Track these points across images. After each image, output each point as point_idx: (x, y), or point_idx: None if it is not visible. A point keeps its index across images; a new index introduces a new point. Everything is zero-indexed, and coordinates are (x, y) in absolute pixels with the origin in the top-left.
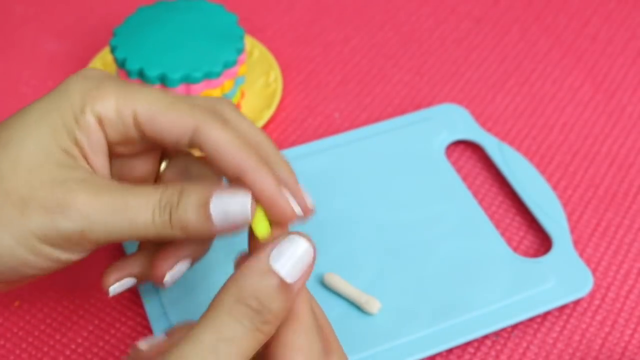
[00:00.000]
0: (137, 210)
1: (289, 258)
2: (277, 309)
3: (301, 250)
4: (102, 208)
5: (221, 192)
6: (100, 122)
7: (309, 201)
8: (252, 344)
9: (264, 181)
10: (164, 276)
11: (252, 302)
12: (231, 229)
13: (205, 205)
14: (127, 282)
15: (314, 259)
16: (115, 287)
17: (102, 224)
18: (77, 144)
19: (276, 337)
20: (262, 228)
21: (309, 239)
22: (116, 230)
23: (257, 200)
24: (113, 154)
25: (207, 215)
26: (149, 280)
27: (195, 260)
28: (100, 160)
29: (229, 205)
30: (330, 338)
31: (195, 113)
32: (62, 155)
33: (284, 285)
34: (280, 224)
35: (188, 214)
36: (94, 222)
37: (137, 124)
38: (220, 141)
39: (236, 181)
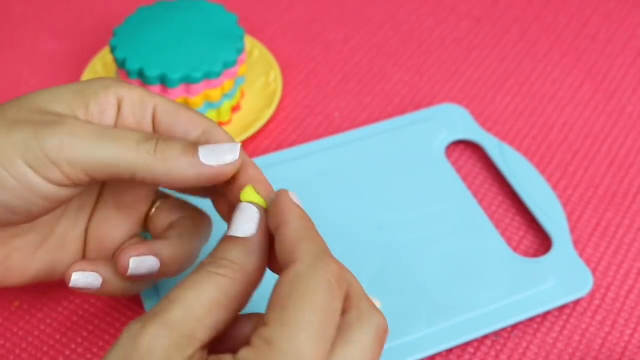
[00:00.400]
0: (123, 134)
1: (237, 217)
2: (232, 257)
3: (249, 213)
4: (88, 126)
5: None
6: (120, 103)
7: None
8: (211, 287)
9: (256, 170)
10: (128, 259)
11: (210, 257)
12: (217, 172)
13: (194, 146)
14: (91, 277)
15: (263, 217)
16: (78, 276)
17: (85, 138)
18: (86, 110)
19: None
20: (256, 199)
21: (257, 208)
22: (96, 151)
23: (249, 181)
24: None
25: (194, 152)
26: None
27: (169, 268)
28: None
29: (217, 147)
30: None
31: (205, 118)
32: (68, 109)
33: (230, 237)
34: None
35: (175, 146)
36: (77, 136)
37: (154, 116)
38: (225, 139)
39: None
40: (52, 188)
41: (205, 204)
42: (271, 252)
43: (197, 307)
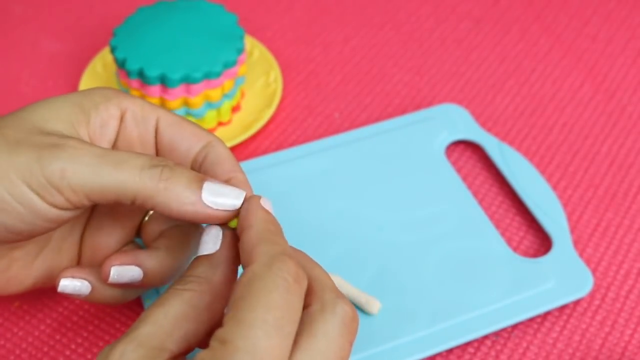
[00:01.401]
0: (126, 157)
1: (203, 238)
2: (197, 273)
3: (213, 233)
4: (90, 150)
5: (218, 182)
6: (122, 115)
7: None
8: (177, 302)
9: (247, 188)
10: (109, 268)
11: (178, 278)
12: (215, 214)
13: (200, 180)
14: (79, 284)
15: (228, 234)
16: (67, 282)
17: (87, 164)
18: (86, 124)
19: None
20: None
21: (221, 228)
22: (98, 178)
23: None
24: None
25: (199, 187)
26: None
27: (154, 279)
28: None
29: (222, 189)
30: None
31: (207, 132)
32: (69, 126)
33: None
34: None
35: (181, 177)
36: (78, 162)
37: (157, 128)
38: (225, 154)
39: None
40: (55, 211)
41: None
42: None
43: (164, 321)
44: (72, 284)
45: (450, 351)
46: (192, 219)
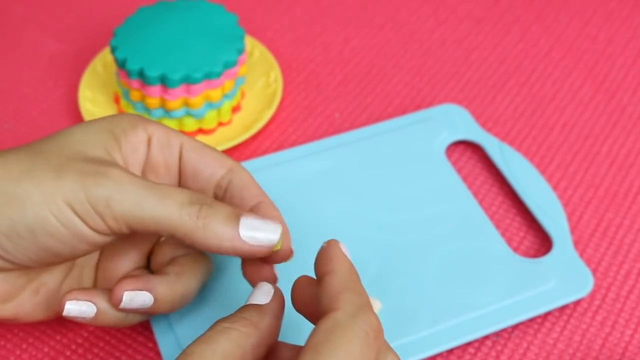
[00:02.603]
0: (168, 192)
1: (254, 292)
2: (245, 315)
3: (265, 289)
4: (134, 181)
5: (254, 216)
6: (149, 140)
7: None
8: (223, 339)
9: (276, 214)
10: (122, 293)
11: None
12: (253, 250)
13: (237, 217)
14: (85, 306)
15: (278, 290)
16: (72, 305)
17: (131, 195)
18: (119, 150)
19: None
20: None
21: (273, 287)
22: (140, 210)
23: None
24: None
25: (236, 223)
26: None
27: (163, 305)
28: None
29: (258, 224)
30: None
31: (229, 158)
32: (106, 152)
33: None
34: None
35: (219, 214)
36: (123, 192)
37: (181, 154)
38: (248, 179)
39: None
40: (96, 236)
41: None
42: (310, 304)
43: (212, 358)
44: (77, 307)
45: (450, 351)
46: (232, 254)
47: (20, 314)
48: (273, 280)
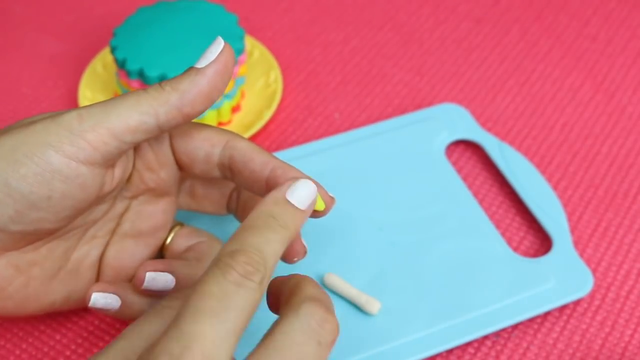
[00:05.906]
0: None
1: (300, 193)
2: (288, 220)
3: (310, 188)
4: (100, 101)
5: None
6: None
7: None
8: (275, 245)
9: (295, 172)
10: (144, 273)
11: (269, 218)
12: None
13: (201, 69)
14: (110, 298)
15: (316, 198)
16: (98, 297)
17: (100, 105)
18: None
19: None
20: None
21: (314, 182)
22: (115, 109)
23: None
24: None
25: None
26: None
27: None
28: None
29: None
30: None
31: (222, 131)
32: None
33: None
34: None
35: (184, 76)
36: (92, 107)
37: (172, 144)
38: (249, 148)
39: (267, 186)
40: (80, 167)
41: (220, 231)
42: (273, 296)
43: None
44: (103, 298)
45: (450, 351)
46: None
47: (9, 307)
48: (303, 253)
